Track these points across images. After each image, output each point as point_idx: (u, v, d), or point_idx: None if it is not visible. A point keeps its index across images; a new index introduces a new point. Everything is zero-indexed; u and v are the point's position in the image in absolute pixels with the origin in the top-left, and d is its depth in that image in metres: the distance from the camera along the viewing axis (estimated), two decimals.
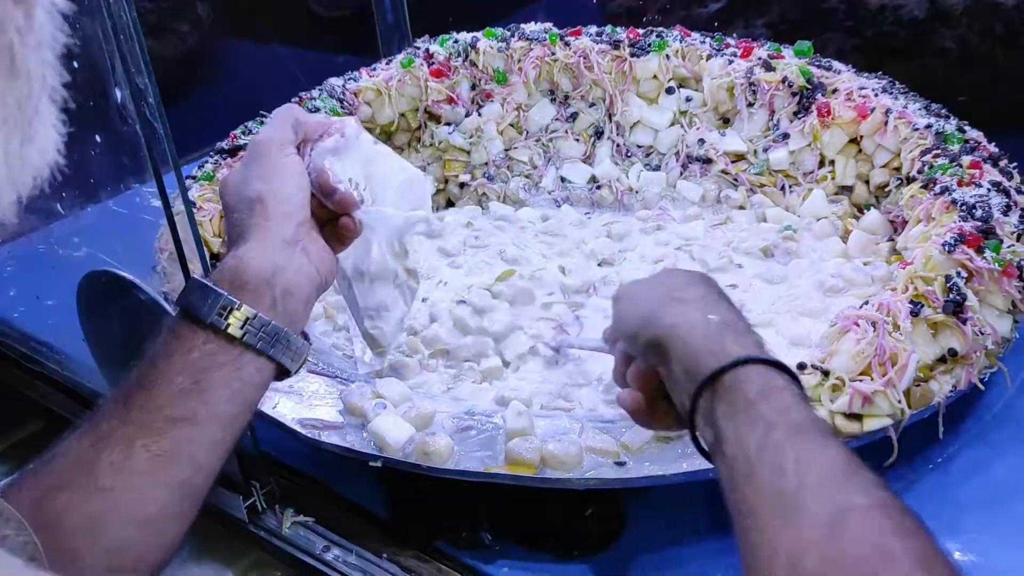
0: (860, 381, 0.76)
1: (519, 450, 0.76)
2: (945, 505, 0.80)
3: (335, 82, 1.29)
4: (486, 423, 0.81)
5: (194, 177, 1.13)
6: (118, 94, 0.69)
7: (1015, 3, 1.30)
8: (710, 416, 0.56)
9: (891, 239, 1.06)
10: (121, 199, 1.31)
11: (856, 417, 0.76)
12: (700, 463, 0.74)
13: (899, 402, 0.76)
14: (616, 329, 0.69)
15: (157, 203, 0.73)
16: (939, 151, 1.01)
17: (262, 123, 1.22)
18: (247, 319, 0.60)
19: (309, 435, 0.81)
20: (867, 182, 1.12)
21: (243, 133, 1.21)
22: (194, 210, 1.06)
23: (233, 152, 1.15)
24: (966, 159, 0.98)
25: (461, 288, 1.04)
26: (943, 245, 0.84)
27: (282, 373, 0.65)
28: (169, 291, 0.93)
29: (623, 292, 0.69)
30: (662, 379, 0.62)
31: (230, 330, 0.60)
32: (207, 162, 1.16)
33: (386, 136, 1.30)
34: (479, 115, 1.27)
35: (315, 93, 1.27)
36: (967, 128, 1.06)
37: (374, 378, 0.89)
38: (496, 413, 0.82)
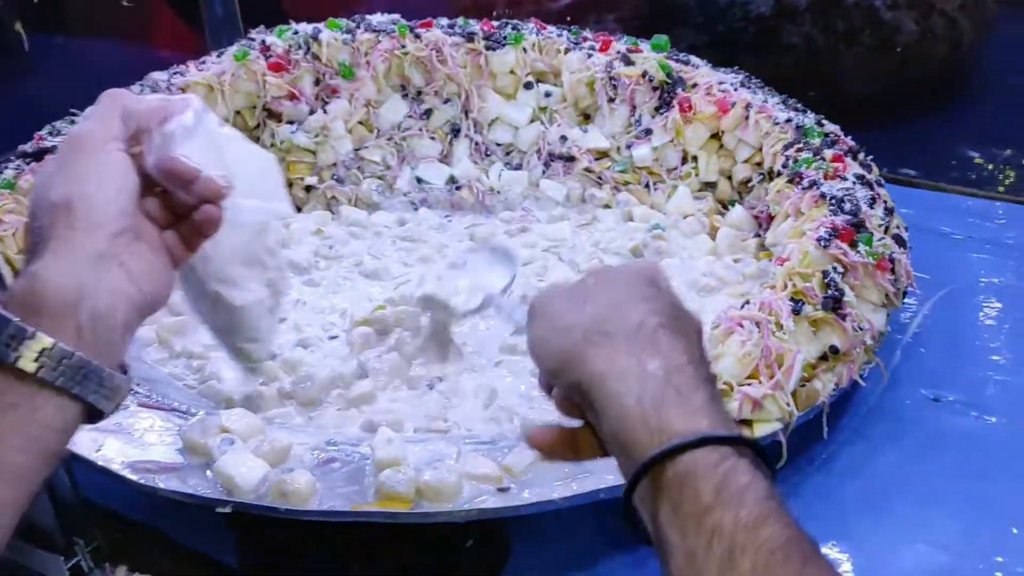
0: (748, 385, 0.73)
1: (391, 483, 0.67)
2: (832, 507, 0.78)
3: (159, 77, 1.16)
4: (351, 453, 0.72)
5: None
6: None
7: (854, 1, 1.34)
8: (651, 513, 0.44)
9: (757, 235, 1.04)
10: None
11: (746, 423, 0.73)
12: (590, 485, 0.69)
13: (787, 404, 0.73)
14: (532, 357, 0.56)
15: None
16: (801, 145, 1.00)
17: (73, 122, 1.07)
18: (43, 350, 0.49)
19: (142, 481, 0.70)
20: (730, 178, 1.11)
21: (50, 134, 1.06)
22: None
23: (38, 156, 1.00)
24: (828, 152, 0.98)
25: (325, 310, 0.96)
26: (818, 240, 0.82)
27: (93, 414, 0.53)
28: None
29: (539, 306, 0.55)
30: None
31: (21, 364, 0.49)
32: (7, 167, 1.00)
33: None
34: (324, 112, 1.17)
35: (136, 89, 1.13)
36: (825, 122, 1.06)
37: (219, 409, 0.78)
38: (362, 442, 0.74)
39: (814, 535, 0.42)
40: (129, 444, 0.74)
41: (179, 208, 0.59)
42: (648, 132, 1.13)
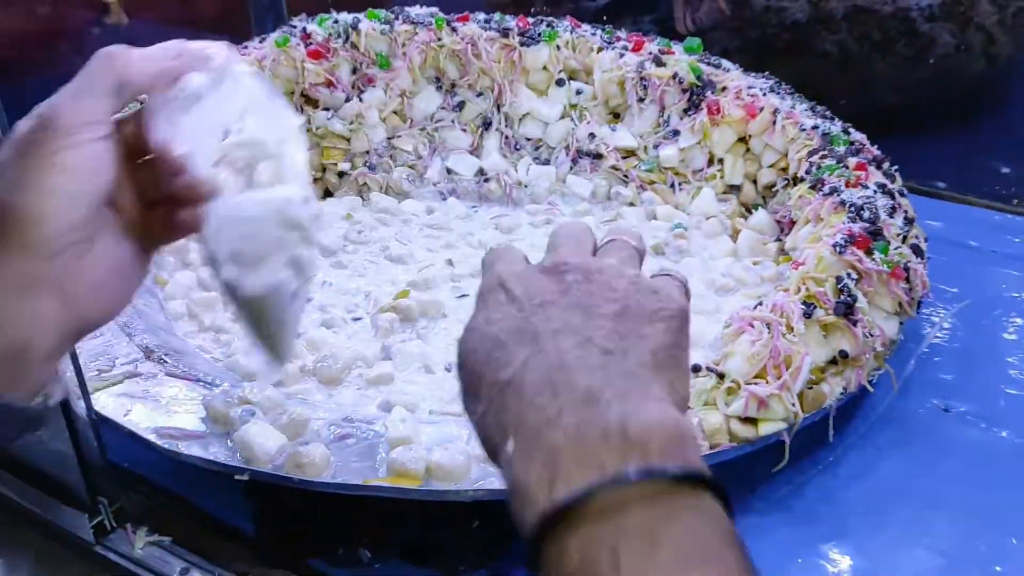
0: (755, 384, 0.74)
1: (402, 460, 0.70)
2: (834, 508, 0.79)
3: None
4: (366, 431, 0.75)
5: None
6: None
7: (891, 11, 1.34)
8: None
9: (779, 239, 1.05)
10: None
11: (751, 421, 0.74)
12: None
13: (793, 405, 0.74)
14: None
15: None
16: (826, 152, 1.01)
17: None
18: None
19: (166, 446, 0.73)
20: (755, 182, 1.12)
21: None
22: None
23: None
24: (852, 160, 0.99)
25: (350, 291, 0.99)
26: (834, 246, 0.83)
27: None
28: None
29: (465, 342, 0.46)
30: None
31: None
32: None
33: None
34: (360, 101, 1.20)
35: None
36: (851, 130, 1.07)
37: (242, 381, 0.81)
38: (377, 420, 0.76)
39: (815, 536, 0.43)
40: (155, 410, 0.77)
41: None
42: (676, 133, 1.15)
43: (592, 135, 1.17)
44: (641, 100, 1.17)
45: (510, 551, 0.76)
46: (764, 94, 1.11)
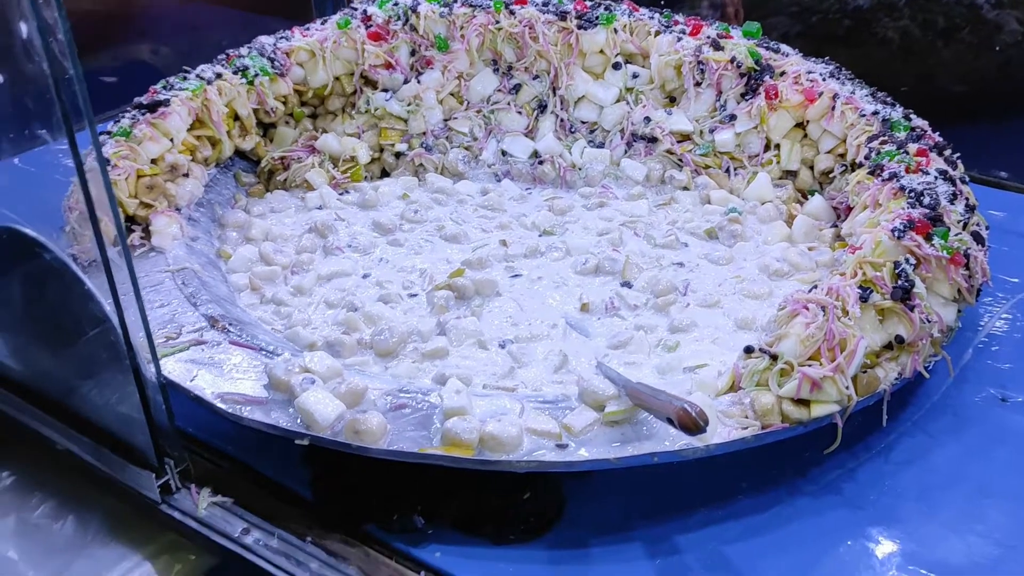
0: (809, 366, 0.74)
1: (457, 430, 0.71)
2: (885, 493, 0.79)
3: (266, 40, 1.23)
4: (421, 401, 0.77)
5: (109, 133, 1.05)
6: (23, 28, 0.62)
7: None
8: None
9: (834, 225, 1.05)
10: (30, 156, 1.23)
11: (804, 403, 0.74)
12: (645, 448, 0.72)
13: (847, 388, 0.74)
14: None
15: (68, 162, 0.66)
16: (886, 138, 1.00)
17: (184, 79, 1.14)
18: None
19: (230, 410, 0.75)
20: (812, 167, 1.11)
21: (164, 88, 1.13)
22: (108, 167, 0.98)
23: (152, 108, 1.07)
24: (912, 147, 0.97)
25: (406, 269, 1.01)
26: (892, 231, 0.82)
27: None
28: (78, 252, 0.86)
29: None
30: None
31: None
32: (124, 117, 1.08)
33: (319, 100, 1.24)
34: (418, 82, 1.21)
35: (243, 51, 1.20)
36: (913, 116, 1.06)
37: (301, 352, 0.83)
38: (432, 391, 0.78)
39: (864, 519, 0.43)
40: (219, 377, 0.79)
41: None
42: (732, 118, 1.14)
43: (647, 119, 1.17)
44: (698, 84, 1.16)
45: (561, 524, 0.77)
46: (823, 79, 1.10)
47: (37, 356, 0.83)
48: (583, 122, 1.22)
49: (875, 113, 1.04)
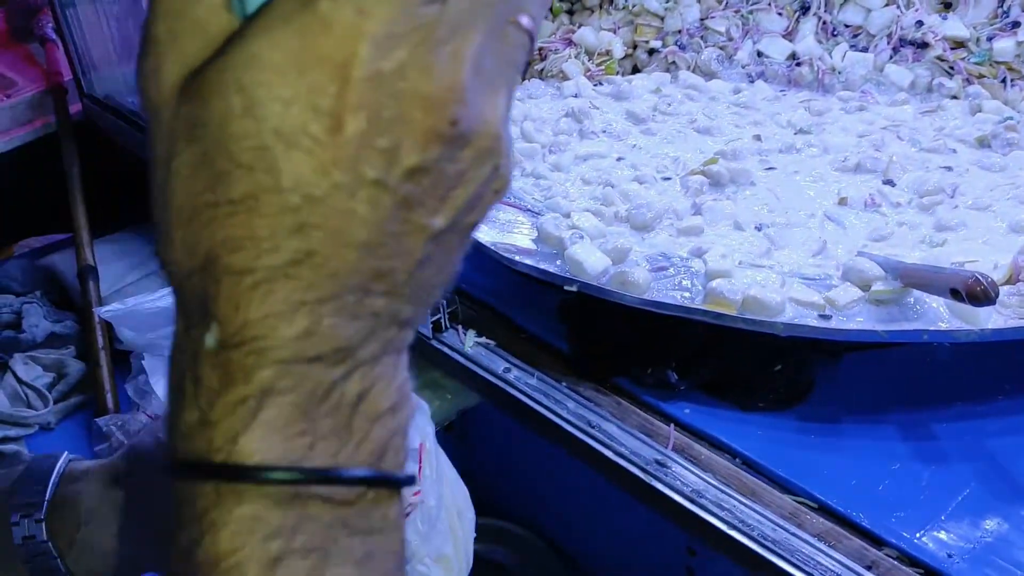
0: None
1: (720, 289, 0.74)
2: None
3: None
4: (682, 266, 0.79)
5: None
6: None
7: None
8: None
9: None
10: None
11: None
12: (914, 325, 0.71)
13: None
14: None
15: None
16: None
17: None
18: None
19: (505, 255, 0.81)
20: None
21: None
22: None
23: None
24: None
25: (659, 155, 1.02)
26: None
27: None
28: None
29: None
30: None
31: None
32: None
33: None
34: None
35: None
36: None
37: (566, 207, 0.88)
38: (693, 258, 0.80)
39: None
40: (492, 229, 0.85)
41: None
42: (1015, 25, 1.07)
43: (919, 23, 1.12)
44: None
45: (809, 399, 0.78)
46: None
47: None
48: (847, 25, 1.18)
49: None
